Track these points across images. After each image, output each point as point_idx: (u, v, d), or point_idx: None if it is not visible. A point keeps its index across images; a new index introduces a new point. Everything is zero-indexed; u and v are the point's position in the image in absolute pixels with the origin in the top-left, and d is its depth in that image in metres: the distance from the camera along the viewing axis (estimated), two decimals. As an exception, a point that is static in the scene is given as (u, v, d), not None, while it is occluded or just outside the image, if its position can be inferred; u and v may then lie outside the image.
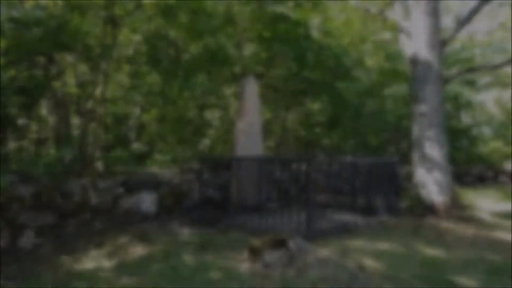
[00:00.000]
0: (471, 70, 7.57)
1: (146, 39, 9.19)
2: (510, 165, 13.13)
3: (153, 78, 8.99)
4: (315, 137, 10.60)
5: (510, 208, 7.93)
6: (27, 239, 4.20)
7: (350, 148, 11.26)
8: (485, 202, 8.92)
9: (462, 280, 3.58)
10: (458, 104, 15.18)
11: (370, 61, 9.63)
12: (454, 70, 13.10)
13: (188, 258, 3.68)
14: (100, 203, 5.21)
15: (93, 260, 3.62)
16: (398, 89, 9.65)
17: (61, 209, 4.67)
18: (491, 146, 17.12)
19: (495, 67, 7.34)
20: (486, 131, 18.55)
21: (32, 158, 4.80)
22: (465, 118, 17.64)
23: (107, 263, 3.53)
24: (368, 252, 4.12)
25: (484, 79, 16.71)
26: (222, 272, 3.29)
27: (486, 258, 4.41)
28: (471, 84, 14.73)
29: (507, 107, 17.25)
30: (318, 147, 11.71)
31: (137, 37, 8.84)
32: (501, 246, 4.98)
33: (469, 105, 14.60)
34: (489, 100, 18.91)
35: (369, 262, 3.78)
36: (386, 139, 12.40)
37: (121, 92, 9.16)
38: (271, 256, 3.40)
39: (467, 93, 14.07)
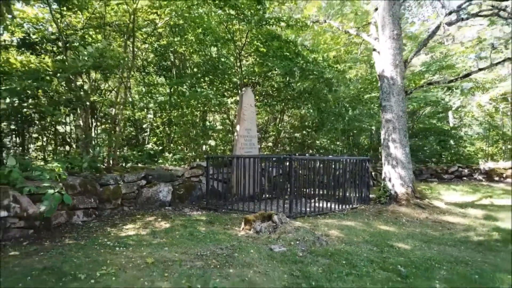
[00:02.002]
0: (429, 83, 8.86)
1: (155, 49, 10.53)
2: (485, 164, 14.42)
3: (164, 88, 10.32)
4: (306, 138, 11.96)
5: (468, 199, 9.30)
6: (77, 217, 5.56)
7: (340, 148, 12.65)
8: (452, 195, 10.30)
9: (400, 245, 4.92)
10: (444, 108, 16.56)
11: (352, 72, 10.97)
12: (437, 76, 14.51)
13: (201, 228, 5.04)
14: (128, 192, 6.56)
15: (132, 230, 4.97)
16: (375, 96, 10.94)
17: (100, 196, 6.03)
18: (477, 146, 18.49)
19: (449, 82, 8.63)
20: (472, 132, 19.93)
21: (78, 157, 6.11)
22: (453, 120, 19.04)
23: (142, 232, 4.87)
24: (335, 226, 5.47)
25: (469, 84, 18.08)
26: (225, 235, 4.65)
27: (427, 232, 5.77)
28: (452, 90, 16.07)
29: (489, 110, 18.48)
30: (310, 147, 13.08)
31: (146, 48, 10.02)
32: (443, 225, 6.35)
33: (449, 109, 15.91)
34: (473, 103, 20.21)
35: (333, 232, 5.14)
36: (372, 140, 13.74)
37: (137, 99, 10.51)
38: (260, 225, 4.74)
39: (447, 98, 15.37)
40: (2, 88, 5.55)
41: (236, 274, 3.40)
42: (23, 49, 8.04)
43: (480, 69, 8.00)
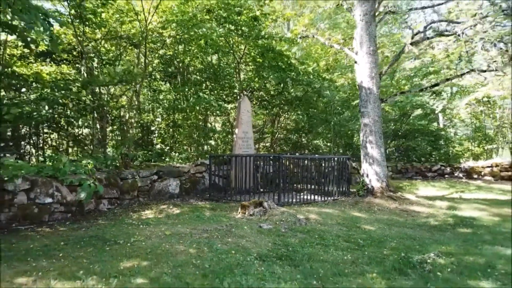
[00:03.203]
0: (402, 92, 10.03)
1: (161, 57, 11.69)
2: (465, 163, 15.59)
3: (171, 95, 11.48)
4: (299, 139, 13.15)
5: (441, 194, 10.47)
6: (103, 205, 6.74)
7: (332, 148, 13.83)
8: (429, 190, 11.46)
9: (366, 226, 6.09)
10: (432, 110, 17.72)
11: (340, 81, 12.16)
12: (425, 80, 15.67)
13: (205, 213, 6.22)
14: (142, 185, 7.74)
15: (150, 214, 6.15)
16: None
17: (121, 188, 7.21)
18: (464, 146, 19.64)
19: (420, 91, 9.77)
20: (461, 133, 21.13)
21: (100, 156, 7.28)
22: (443, 122, 20.21)
23: (159, 215, 6.05)
24: (315, 212, 6.65)
25: (454, 89, 19.29)
26: (225, 218, 5.84)
27: (393, 218, 6.94)
28: (438, 94, 17.24)
29: (474, 112, 19.59)
30: (304, 147, 14.26)
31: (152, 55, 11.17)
32: (409, 213, 7.51)
33: (433, 111, 17.06)
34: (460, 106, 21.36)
35: (312, 216, 6.32)
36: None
37: (146, 104, 11.68)
38: (253, 210, 5.92)
39: (431, 102, 16.51)
40: (40, 98, 6.72)
41: (233, 242, 4.57)
42: (42, 57, 9.21)
43: (447, 79, 9.15)
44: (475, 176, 15.01)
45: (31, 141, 9.22)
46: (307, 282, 3.52)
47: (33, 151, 9.19)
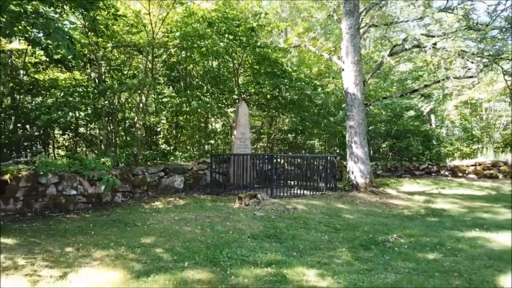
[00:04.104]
0: (384, 98, 11.01)
1: (164, 62, 12.64)
2: (451, 162, 16.54)
3: (174, 100, 12.44)
4: (294, 140, 14.13)
5: (422, 190, 11.42)
6: (118, 198, 7.69)
7: (326, 147, 14.81)
8: (411, 186, 12.42)
9: (346, 215, 7.05)
10: (421, 112, 18.68)
11: (331, 86, 13.14)
12: (417, 83, 16.65)
13: (207, 204, 7.19)
14: (151, 181, 8.69)
15: (160, 205, 7.12)
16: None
17: (133, 183, 8.17)
18: (455, 146, 20.59)
19: (402, 95, 10.73)
20: (452, 133, 22.09)
21: (114, 155, 8.24)
22: (435, 122, 21.18)
23: (167, 206, 7.02)
24: (302, 204, 7.62)
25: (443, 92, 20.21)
26: (225, 207, 6.81)
27: (372, 209, 7.90)
28: (427, 97, 18.22)
29: (463, 114, 20.50)
30: (300, 147, 15.24)
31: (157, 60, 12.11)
32: (387, 205, 8.47)
33: (422, 114, 18.03)
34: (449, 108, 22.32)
35: (300, 206, 7.28)
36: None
37: (151, 107, 12.64)
38: (249, 201, 6.89)
39: (420, 104, 17.48)
40: (63, 104, 7.69)
41: (230, 225, 5.54)
42: (55, 64, 10.15)
43: (425, 86, 10.11)
44: (460, 174, 15.94)
45: (46, 142, 10.20)
46: (288, 253, 4.48)
47: (47, 150, 10.15)
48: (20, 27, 5.93)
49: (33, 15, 6.01)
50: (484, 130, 18.39)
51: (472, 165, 15.91)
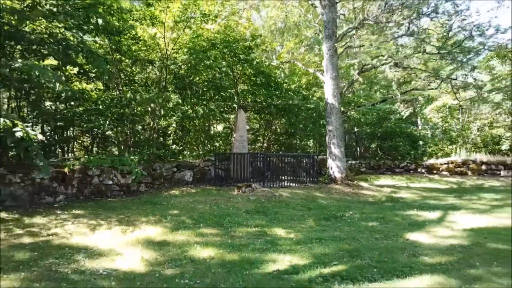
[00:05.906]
0: (358, 106, 13.03)
1: (172, 72, 14.63)
2: (427, 161, 18.54)
3: (184, 106, 14.45)
4: (287, 141, 16.17)
5: (393, 183, 13.43)
6: (142, 187, 9.72)
7: (317, 147, 16.85)
8: (386, 181, 14.43)
9: (320, 201, 9.05)
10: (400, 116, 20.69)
11: (317, 94, 15.19)
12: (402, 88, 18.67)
13: (213, 192, 9.23)
14: (166, 175, 10.72)
15: (176, 192, 9.14)
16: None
17: (152, 176, 10.19)
18: (438, 146, 22.56)
19: (372, 105, 12.74)
20: (436, 134, 24.06)
21: (141, 154, 10.25)
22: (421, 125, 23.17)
23: (182, 193, 9.05)
24: (287, 192, 9.65)
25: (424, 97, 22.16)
26: (227, 194, 8.85)
27: (343, 197, 9.90)
28: (407, 102, 20.26)
29: (443, 117, 22.41)
30: (293, 147, 17.28)
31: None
32: (357, 195, 10.47)
33: (407, 117, 20.06)
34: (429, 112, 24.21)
35: (285, 194, 9.31)
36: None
37: (162, 112, 14.63)
38: (245, 189, 8.91)
39: (399, 109, 19.50)
40: (97, 113, 9.71)
41: (231, 205, 7.57)
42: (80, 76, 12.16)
43: (391, 97, 12.12)
44: (434, 171, 17.93)
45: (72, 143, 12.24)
46: (270, 222, 6.51)
47: (71, 150, 12.17)
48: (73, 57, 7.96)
49: (79, 47, 8.03)
50: (459, 132, 20.35)
51: (446, 163, 17.86)
